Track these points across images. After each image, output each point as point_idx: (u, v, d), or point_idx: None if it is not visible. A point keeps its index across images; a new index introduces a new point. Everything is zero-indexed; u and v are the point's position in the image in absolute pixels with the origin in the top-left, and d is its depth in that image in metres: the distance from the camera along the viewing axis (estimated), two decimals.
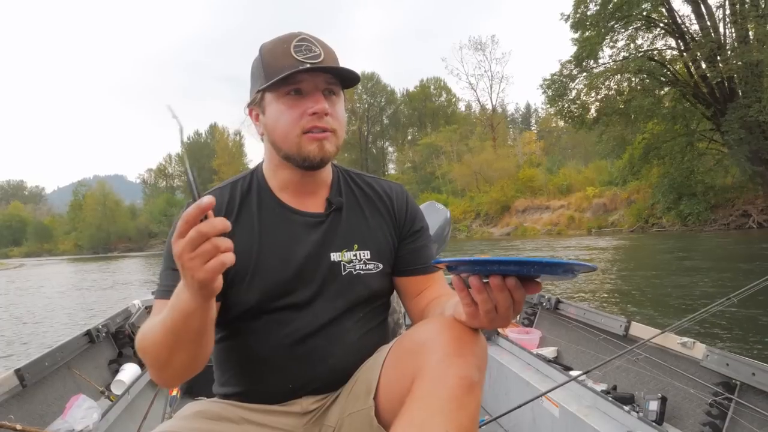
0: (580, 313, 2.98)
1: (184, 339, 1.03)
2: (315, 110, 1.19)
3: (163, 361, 1.07)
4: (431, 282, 1.37)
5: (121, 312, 3.62)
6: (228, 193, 1.31)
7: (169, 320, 1.01)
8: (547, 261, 0.85)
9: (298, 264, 1.25)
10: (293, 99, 1.20)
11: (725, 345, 4.94)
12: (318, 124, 1.20)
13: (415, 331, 1.14)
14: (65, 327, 9.45)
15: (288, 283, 1.24)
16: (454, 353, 1.01)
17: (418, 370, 1.03)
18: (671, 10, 28.69)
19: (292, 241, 1.27)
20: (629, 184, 33.91)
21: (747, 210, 26.33)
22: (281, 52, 1.19)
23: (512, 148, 60.01)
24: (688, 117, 28.92)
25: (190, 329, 1.01)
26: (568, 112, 32.05)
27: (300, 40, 1.20)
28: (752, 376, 1.80)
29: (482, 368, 1.05)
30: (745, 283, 1.88)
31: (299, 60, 1.17)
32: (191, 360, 1.08)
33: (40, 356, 2.45)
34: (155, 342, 1.05)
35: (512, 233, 41.29)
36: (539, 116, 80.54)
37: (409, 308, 1.40)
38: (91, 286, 18.85)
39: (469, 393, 0.99)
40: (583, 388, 2.22)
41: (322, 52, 1.20)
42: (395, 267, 1.37)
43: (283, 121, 1.21)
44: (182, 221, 0.87)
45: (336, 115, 1.23)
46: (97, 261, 45.70)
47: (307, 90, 1.20)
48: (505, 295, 0.94)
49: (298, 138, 1.20)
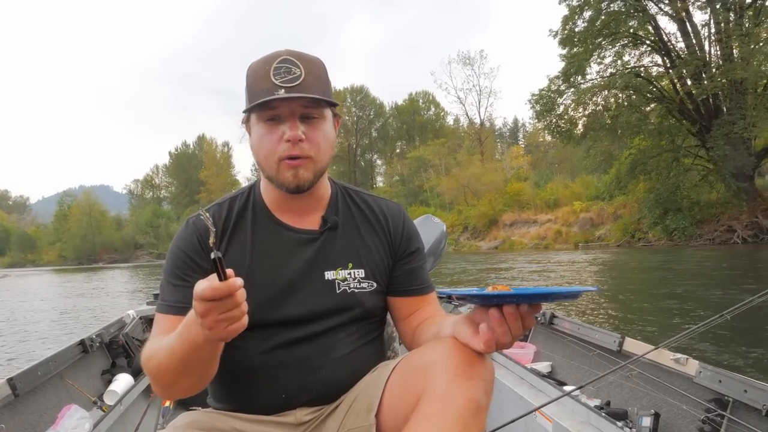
0: (575, 328, 2.99)
1: (192, 367, 1.05)
2: (288, 138, 1.19)
3: (168, 382, 1.10)
4: (424, 303, 1.38)
5: (115, 322, 3.60)
6: (225, 208, 1.33)
7: (178, 349, 1.02)
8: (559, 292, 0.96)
9: (290, 280, 1.26)
10: (271, 125, 1.21)
11: (718, 361, 4.97)
12: (291, 152, 1.20)
13: (423, 351, 1.15)
14: (55, 337, 9.35)
15: (279, 298, 1.25)
16: (462, 375, 1.03)
17: (425, 390, 1.04)
18: (658, 27, 29.08)
19: (285, 258, 1.28)
20: (616, 198, 34.17)
21: (732, 225, 26.55)
22: (262, 75, 1.19)
23: (500, 162, 60.30)
24: (674, 133, 29.24)
25: (200, 359, 1.04)
26: (556, 127, 32.31)
27: (281, 62, 1.19)
28: (744, 393, 1.81)
29: (489, 392, 1.06)
30: (735, 298, 1.91)
31: (276, 84, 1.17)
32: (198, 382, 1.11)
33: (32, 366, 2.43)
34: (161, 366, 1.07)
35: (500, 247, 41.35)
36: (527, 131, 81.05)
37: (400, 328, 1.40)
38: (79, 296, 18.64)
39: (476, 416, 1.01)
40: (577, 404, 2.22)
41: (303, 72, 1.19)
42: (389, 287, 1.38)
43: (263, 146, 1.22)
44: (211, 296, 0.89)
45: (314, 140, 1.22)
46: (83, 272, 45.18)
47: (284, 115, 1.20)
48: (518, 323, 0.98)
49: (276, 164, 1.22)
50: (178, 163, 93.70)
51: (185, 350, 1.01)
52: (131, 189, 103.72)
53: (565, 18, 29.75)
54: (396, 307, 1.38)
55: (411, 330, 1.35)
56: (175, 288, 1.23)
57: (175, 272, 1.25)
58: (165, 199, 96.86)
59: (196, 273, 1.23)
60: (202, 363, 1.05)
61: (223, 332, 0.93)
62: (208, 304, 0.90)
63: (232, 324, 0.92)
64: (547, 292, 0.97)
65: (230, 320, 0.92)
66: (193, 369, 1.06)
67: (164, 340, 1.08)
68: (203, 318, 0.91)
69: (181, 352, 1.02)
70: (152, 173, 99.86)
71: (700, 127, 27.72)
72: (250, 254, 1.27)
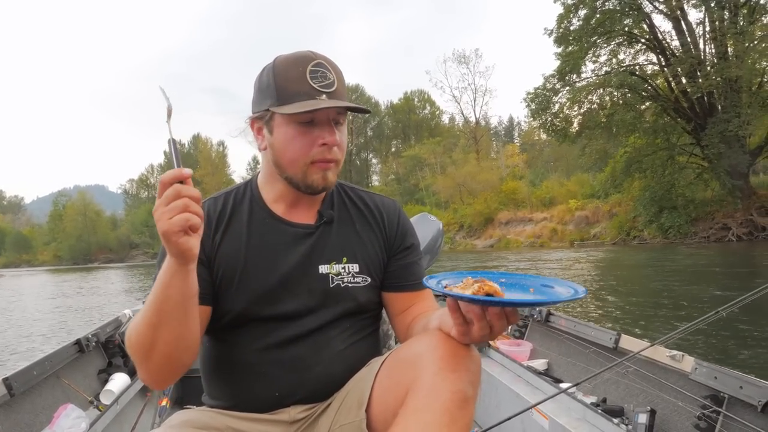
0: (571, 325, 3.00)
1: (166, 313, 1.04)
2: (326, 142, 1.21)
3: (147, 345, 1.07)
4: (419, 299, 1.38)
5: (111, 321, 3.59)
6: (221, 202, 1.34)
7: (151, 297, 1.04)
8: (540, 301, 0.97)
9: (284, 273, 1.27)
10: (305, 127, 1.21)
11: (714, 358, 4.99)
12: (327, 156, 1.23)
13: (410, 344, 1.15)
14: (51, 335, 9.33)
15: (273, 291, 1.26)
16: (448, 368, 1.03)
17: (413, 383, 1.05)
18: (652, 26, 29.16)
19: (279, 251, 1.29)
20: (611, 197, 34.20)
21: (726, 223, 26.65)
22: (296, 76, 1.19)
23: (495, 161, 60.32)
24: (669, 131, 29.33)
25: (171, 300, 1.03)
26: (552, 125, 32.35)
27: (316, 65, 1.19)
28: (740, 389, 1.82)
29: (476, 384, 1.07)
30: (730, 295, 1.92)
31: (315, 88, 1.18)
32: (175, 340, 1.07)
33: (28, 365, 2.42)
34: (138, 325, 1.07)
35: (495, 245, 41.42)
36: (522, 129, 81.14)
37: (395, 324, 1.40)
38: (74, 296, 18.59)
39: (462, 408, 1.02)
40: (573, 401, 2.23)
41: (335, 79, 1.21)
42: (384, 282, 1.38)
43: (293, 148, 1.22)
44: (161, 182, 0.95)
45: (342, 146, 1.25)
46: (78, 272, 45.08)
47: (320, 120, 1.21)
48: (503, 322, 1.00)
49: (306, 166, 1.23)
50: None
51: (156, 294, 1.03)
52: (126, 188, 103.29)
53: (560, 16, 29.78)
54: (391, 303, 1.39)
55: (405, 325, 1.35)
56: None
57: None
58: None
59: None
60: (175, 306, 1.03)
61: (167, 224, 0.94)
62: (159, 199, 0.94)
63: (175, 215, 0.94)
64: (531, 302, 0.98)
65: (173, 210, 0.94)
66: (167, 316, 1.04)
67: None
68: (154, 214, 0.95)
69: (153, 297, 1.04)
70: (147, 173, 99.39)
71: (695, 125, 27.80)
72: (245, 247, 1.28)
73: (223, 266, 1.26)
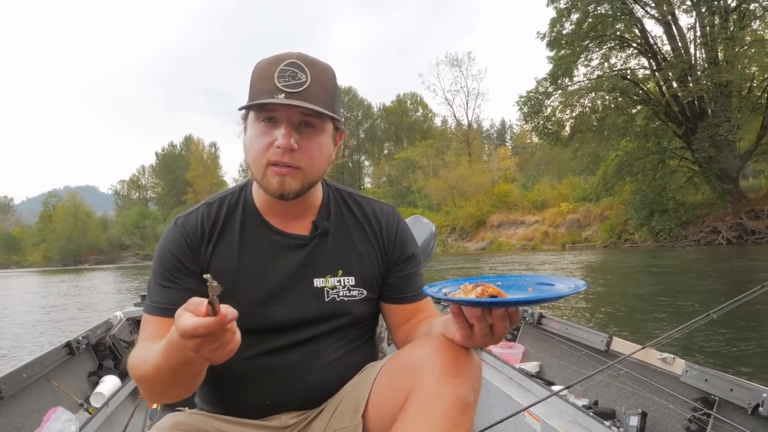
0: (563, 328, 3.01)
1: (181, 380, 1.04)
2: (279, 144, 1.15)
3: (157, 392, 1.09)
4: (419, 309, 1.36)
5: (102, 324, 3.57)
6: (215, 209, 1.30)
7: (166, 363, 0.99)
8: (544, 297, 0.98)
9: (275, 285, 1.24)
10: (265, 126, 1.17)
11: (705, 360, 5.01)
12: (281, 159, 1.16)
13: (410, 350, 1.14)
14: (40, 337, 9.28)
15: (265, 303, 1.23)
16: (450, 373, 1.03)
17: (413, 388, 1.04)
18: (644, 30, 29.38)
19: (272, 262, 1.26)
20: (603, 200, 34.37)
21: (717, 227, 26.81)
22: (266, 75, 1.15)
23: (487, 164, 60.46)
24: (660, 135, 29.50)
25: (190, 372, 1.02)
26: (544, 128, 32.49)
27: (288, 64, 1.15)
28: (730, 392, 1.82)
29: (477, 389, 1.06)
30: (720, 298, 1.93)
31: (277, 87, 1.13)
32: (187, 390, 1.10)
33: (17, 368, 2.41)
34: (148, 377, 1.06)
35: (487, 248, 41.48)
36: (514, 132, 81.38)
37: (394, 334, 1.38)
38: (64, 298, 18.47)
39: (464, 413, 1.01)
40: (565, 403, 2.24)
41: (309, 79, 1.14)
42: (383, 294, 1.36)
43: (254, 147, 1.18)
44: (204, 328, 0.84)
45: (307, 151, 1.17)
46: (68, 273, 44.81)
47: (280, 120, 1.16)
48: (506, 323, 0.99)
49: (264, 168, 1.17)
50: (164, 163, 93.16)
51: (174, 366, 0.98)
52: (117, 190, 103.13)
53: (553, 20, 29.92)
54: (390, 314, 1.36)
55: (405, 335, 1.33)
56: (163, 289, 1.21)
57: (162, 273, 1.22)
58: (151, 200, 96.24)
59: (183, 275, 1.22)
60: (193, 375, 1.04)
61: (221, 357, 0.90)
62: (198, 339, 0.86)
63: (225, 348, 0.89)
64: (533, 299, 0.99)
65: (225, 345, 0.89)
66: (181, 381, 1.05)
67: (150, 351, 1.04)
68: (196, 352, 0.88)
69: (169, 367, 0.99)
70: (138, 174, 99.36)
71: (686, 129, 27.99)
72: (237, 258, 1.25)
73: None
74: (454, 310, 1.02)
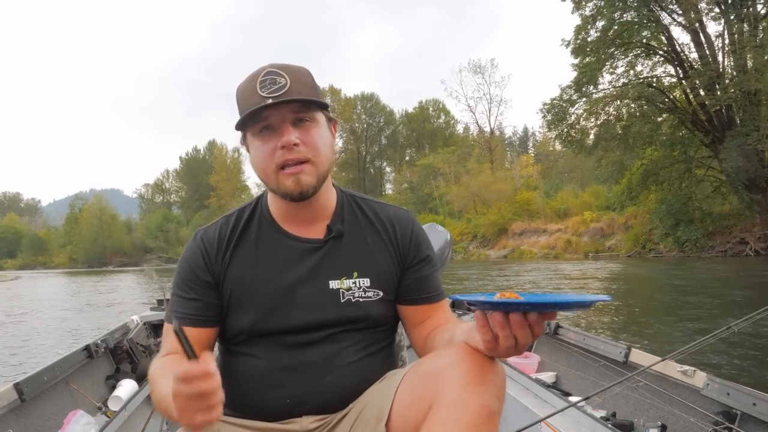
0: (580, 338, 2.97)
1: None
2: (281, 143, 1.20)
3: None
4: (435, 311, 1.37)
5: (119, 327, 3.61)
6: (233, 220, 1.35)
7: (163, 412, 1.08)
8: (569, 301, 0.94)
9: (290, 288, 1.27)
10: (265, 135, 1.23)
11: (726, 373, 4.91)
12: (289, 157, 1.21)
13: (434, 357, 1.14)
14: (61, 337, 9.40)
15: (282, 307, 1.26)
16: (474, 381, 1.02)
17: (437, 397, 1.03)
18: (671, 38, 28.99)
19: (287, 267, 1.29)
20: (627, 209, 33.97)
21: (744, 237, 26.33)
22: (250, 92, 1.22)
23: (510, 171, 60.20)
24: (687, 144, 29.12)
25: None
26: (568, 136, 32.22)
27: (265, 74, 1.21)
28: (753, 406, 1.79)
29: (501, 398, 1.06)
30: (745, 310, 1.88)
31: (263, 96, 1.19)
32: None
33: (39, 370, 2.45)
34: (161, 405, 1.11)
35: (509, 256, 41.22)
36: (536, 140, 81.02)
37: (412, 336, 1.39)
38: (88, 299, 18.72)
39: (489, 422, 1.00)
40: (583, 415, 2.21)
41: (288, 81, 1.21)
42: (399, 295, 1.37)
43: (260, 158, 1.24)
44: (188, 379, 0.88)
45: (309, 143, 1.23)
46: (92, 275, 45.41)
47: (276, 124, 1.22)
48: (526, 331, 0.96)
49: (275, 174, 1.23)
50: (188, 167, 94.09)
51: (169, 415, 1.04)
52: (141, 193, 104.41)
53: (578, 27, 29.68)
54: (407, 315, 1.38)
55: (423, 337, 1.34)
56: (180, 300, 1.28)
57: (180, 284, 1.30)
58: (175, 204, 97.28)
59: (198, 286, 1.28)
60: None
61: (192, 421, 0.90)
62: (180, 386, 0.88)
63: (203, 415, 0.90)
64: (556, 300, 0.95)
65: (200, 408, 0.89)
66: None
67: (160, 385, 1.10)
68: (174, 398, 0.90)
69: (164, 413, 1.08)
70: (163, 177, 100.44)
71: (713, 138, 27.56)
72: (253, 265, 1.29)
73: (231, 285, 1.28)
74: (479, 319, 1.00)
